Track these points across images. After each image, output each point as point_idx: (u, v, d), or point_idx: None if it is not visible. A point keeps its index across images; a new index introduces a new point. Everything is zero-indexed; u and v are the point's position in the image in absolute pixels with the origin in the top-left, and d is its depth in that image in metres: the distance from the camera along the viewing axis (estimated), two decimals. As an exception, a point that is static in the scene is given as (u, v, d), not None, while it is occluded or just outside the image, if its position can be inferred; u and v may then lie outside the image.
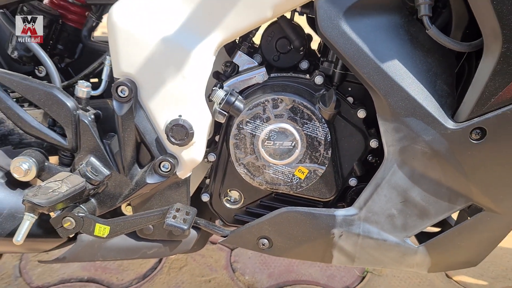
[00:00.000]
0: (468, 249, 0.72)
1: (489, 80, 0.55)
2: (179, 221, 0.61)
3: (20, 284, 1.01)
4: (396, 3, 0.57)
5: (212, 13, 0.58)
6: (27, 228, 0.57)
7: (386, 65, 0.57)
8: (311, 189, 0.67)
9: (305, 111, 0.63)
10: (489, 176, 0.62)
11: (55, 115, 0.62)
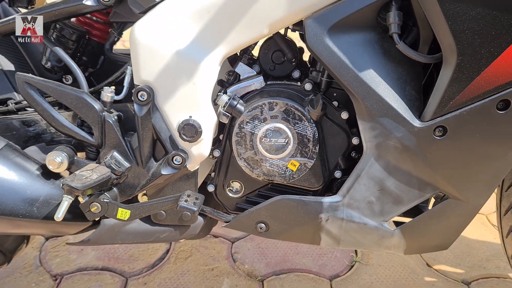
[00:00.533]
0: (438, 233, 0.82)
1: (447, 86, 0.66)
2: (190, 204, 0.71)
3: (41, 272, 1.11)
4: (371, 23, 0.68)
5: (217, 31, 0.69)
6: (66, 207, 0.67)
7: (363, 74, 0.68)
8: (302, 179, 0.78)
9: (296, 113, 0.74)
10: (451, 168, 0.73)
11: (84, 116, 0.72)
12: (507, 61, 0.63)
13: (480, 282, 1.10)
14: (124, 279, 1.09)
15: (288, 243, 1.21)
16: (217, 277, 1.10)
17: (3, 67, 0.80)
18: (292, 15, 0.68)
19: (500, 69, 0.63)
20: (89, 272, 1.11)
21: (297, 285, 1.08)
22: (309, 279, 1.09)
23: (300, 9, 0.67)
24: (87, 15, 0.80)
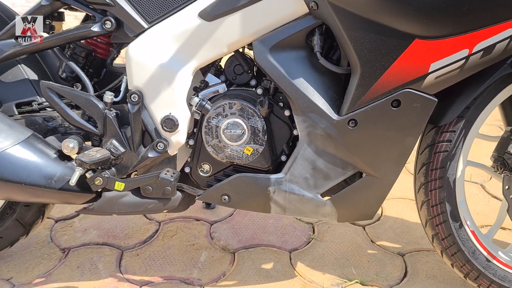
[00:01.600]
0: (361, 204, 1.04)
1: (355, 90, 0.89)
2: (168, 176, 0.95)
3: (52, 247, 1.34)
4: (302, 44, 0.92)
5: (189, 49, 0.92)
6: (77, 176, 0.90)
7: (295, 81, 0.91)
8: (255, 161, 1.00)
9: (250, 111, 0.97)
10: (364, 151, 0.96)
11: (91, 113, 0.96)
12: (394, 71, 0.86)
13: (413, 254, 1.33)
14: (120, 252, 1.31)
15: (257, 224, 1.44)
16: (197, 251, 1.33)
17: (29, 76, 1.04)
18: (244, 39, 0.92)
19: (390, 77, 0.87)
20: (91, 246, 1.34)
21: (262, 256, 1.30)
22: (272, 252, 1.32)
23: (249, 34, 0.91)
24: (93, 38, 1.04)
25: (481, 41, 0.83)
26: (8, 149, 0.92)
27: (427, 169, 1.07)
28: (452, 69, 0.86)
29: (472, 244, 1.10)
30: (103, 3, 0.92)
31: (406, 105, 0.90)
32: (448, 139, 1.03)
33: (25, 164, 0.93)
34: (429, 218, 1.10)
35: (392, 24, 0.83)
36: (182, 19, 0.92)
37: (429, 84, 0.88)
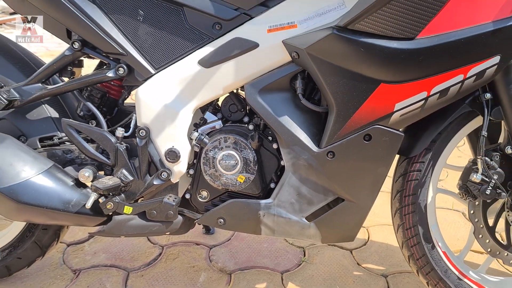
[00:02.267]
0: (342, 227, 1.16)
1: (332, 126, 1.03)
2: (171, 201, 1.08)
3: (64, 268, 1.45)
4: (286, 86, 1.07)
5: (189, 92, 1.07)
6: (93, 200, 1.04)
7: (281, 118, 1.05)
8: (247, 188, 1.13)
9: (242, 144, 1.11)
10: (342, 179, 1.08)
11: (104, 146, 1.10)
12: (365, 110, 1.01)
13: (395, 275, 1.44)
14: (126, 273, 1.43)
15: (253, 248, 1.55)
16: (196, 272, 1.44)
17: (51, 115, 1.19)
18: (237, 83, 1.07)
19: (361, 115, 1.01)
20: (100, 268, 1.45)
21: (256, 277, 1.42)
22: (266, 273, 1.44)
23: (241, 79, 1.06)
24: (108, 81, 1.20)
25: (437, 85, 0.98)
26: (33, 177, 1.06)
27: (401, 195, 1.20)
28: (414, 108, 1.00)
29: (444, 264, 1.22)
30: (117, 53, 1.08)
31: (376, 139, 1.04)
32: (418, 169, 1.17)
33: (47, 190, 1.07)
34: (404, 240, 1.22)
35: (361, 71, 0.98)
36: (184, 66, 1.07)
37: (395, 121, 1.02)
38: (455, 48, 0.94)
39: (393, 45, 0.94)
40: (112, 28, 1.08)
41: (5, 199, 1.03)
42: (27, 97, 1.11)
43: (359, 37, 0.95)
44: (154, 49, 1.08)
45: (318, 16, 1.02)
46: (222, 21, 1.05)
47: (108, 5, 1.08)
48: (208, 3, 1.05)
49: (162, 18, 1.07)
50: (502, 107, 1.08)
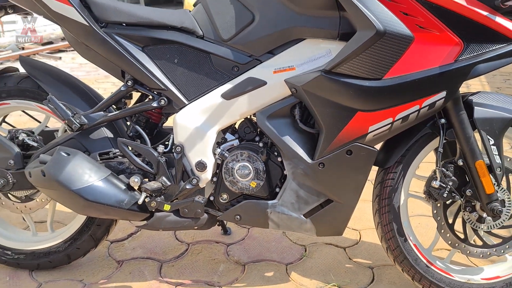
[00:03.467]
0: (332, 223, 1.47)
1: (322, 143, 1.35)
2: (200, 200, 1.41)
3: (110, 259, 1.78)
4: (288, 114, 1.39)
5: (215, 118, 1.41)
6: (143, 198, 1.37)
7: (284, 138, 1.37)
8: (258, 192, 1.44)
9: (254, 157, 1.43)
10: (331, 184, 1.40)
11: (149, 159, 1.44)
12: (346, 132, 1.33)
13: (380, 267, 1.73)
14: (160, 263, 1.75)
15: (263, 245, 1.87)
16: (216, 263, 1.76)
17: (107, 135, 1.53)
18: (250, 111, 1.40)
19: (344, 136, 1.34)
20: (138, 259, 1.78)
21: (265, 268, 1.73)
22: (273, 265, 1.74)
23: (253, 108, 1.39)
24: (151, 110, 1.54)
25: (399, 113, 1.30)
26: (96, 182, 1.40)
27: (379, 199, 1.51)
28: (383, 130, 1.33)
29: (414, 254, 1.52)
30: (160, 88, 1.43)
31: (356, 154, 1.36)
32: (392, 178, 1.48)
33: (106, 192, 1.40)
34: (382, 234, 1.53)
35: (343, 102, 1.30)
36: (210, 99, 1.41)
37: (370, 140, 1.34)
38: (411, 85, 1.27)
39: (366, 84, 1.27)
40: (156, 70, 1.43)
41: (77, 197, 1.37)
42: (93, 122, 1.46)
43: (340, 78, 1.28)
44: (187, 86, 1.43)
45: (311, 61, 1.35)
46: (239, 65, 1.39)
47: (153, 53, 1.43)
48: (228, 51, 1.39)
49: (194, 62, 1.42)
50: (454, 129, 1.40)
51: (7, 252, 1.66)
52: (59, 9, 1.38)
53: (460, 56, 1.26)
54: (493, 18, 1.24)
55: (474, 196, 1.43)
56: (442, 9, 1.23)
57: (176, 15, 1.44)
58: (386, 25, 1.21)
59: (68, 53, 6.18)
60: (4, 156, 1.50)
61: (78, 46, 1.50)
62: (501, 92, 4.41)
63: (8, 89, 1.56)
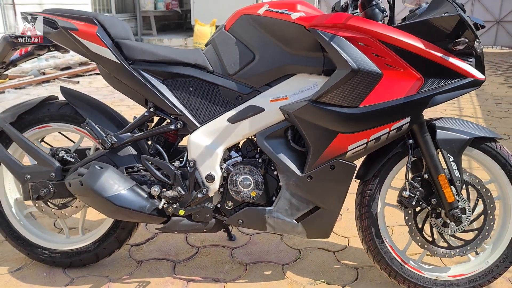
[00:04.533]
0: (320, 227, 1.74)
1: (310, 159, 1.63)
2: (209, 206, 1.70)
3: (131, 260, 2.05)
4: (282, 135, 1.67)
5: (222, 138, 1.69)
6: (163, 204, 1.66)
7: (279, 155, 1.65)
8: (257, 200, 1.71)
9: (254, 171, 1.71)
10: (318, 194, 1.68)
11: (167, 172, 1.73)
12: (330, 150, 1.60)
13: (364, 268, 1.98)
14: (174, 263, 2.02)
15: (263, 249, 2.13)
16: (222, 264, 2.02)
17: (132, 152, 1.83)
18: (251, 133, 1.69)
19: (328, 153, 1.61)
20: (155, 260, 2.05)
21: (264, 267, 1.99)
22: (271, 265, 2.01)
23: (254, 130, 1.67)
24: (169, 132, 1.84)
25: (372, 134, 1.58)
26: (123, 191, 1.68)
27: (360, 207, 1.78)
28: (360, 149, 1.61)
29: (390, 254, 1.78)
30: (177, 114, 1.72)
31: (338, 168, 1.64)
32: (370, 189, 1.76)
33: (131, 199, 1.69)
34: (363, 237, 1.79)
35: (326, 126, 1.59)
36: (218, 122, 1.70)
37: (349, 157, 1.62)
38: (382, 112, 1.55)
39: (345, 111, 1.56)
40: (174, 99, 1.73)
41: (108, 203, 1.65)
42: (121, 141, 1.76)
43: (324, 106, 1.57)
44: (199, 112, 1.72)
45: (301, 92, 1.65)
46: (242, 95, 1.69)
47: (172, 85, 1.73)
48: (233, 84, 1.69)
49: (205, 93, 1.72)
50: (420, 148, 1.68)
51: (45, 252, 1.94)
52: (97, 50, 1.69)
53: (421, 88, 1.55)
54: (447, 58, 1.53)
55: (438, 204, 1.70)
56: (405, 51, 1.52)
57: (191, 54, 1.74)
58: (360, 65, 1.50)
59: (85, 78, 6.56)
60: (47, 169, 1.79)
61: (110, 79, 1.80)
62: (491, 114, 4.70)
63: (50, 114, 1.86)
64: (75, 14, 1.73)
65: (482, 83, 1.59)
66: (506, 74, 7.65)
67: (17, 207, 1.98)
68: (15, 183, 1.98)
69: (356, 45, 1.52)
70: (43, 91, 5.63)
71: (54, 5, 7.15)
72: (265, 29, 1.64)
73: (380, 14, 1.62)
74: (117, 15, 9.02)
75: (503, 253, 1.76)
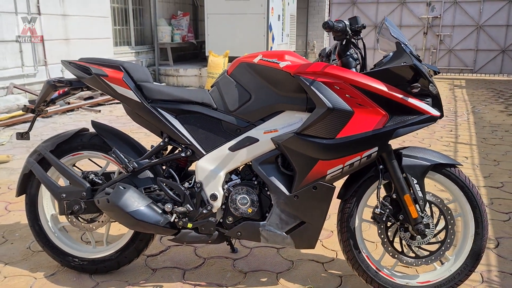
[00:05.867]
0: (305, 239, 2.05)
1: (296, 182, 1.94)
2: (213, 220, 2.03)
3: (147, 268, 2.38)
4: (273, 161, 2.02)
5: (223, 164, 2.04)
6: (174, 219, 2.00)
7: (271, 178, 1.98)
8: (253, 215, 2.05)
9: (251, 191, 2.05)
10: (303, 210, 2.00)
11: (178, 192, 2.07)
12: (312, 174, 1.93)
13: (347, 276, 2.28)
14: (184, 271, 2.34)
15: (260, 260, 2.44)
16: (225, 271, 2.34)
17: (149, 175, 2.18)
18: (248, 159, 2.02)
19: (310, 176, 1.94)
20: (168, 268, 2.38)
21: (261, 275, 2.30)
22: (267, 273, 2.31)
23: (250, 157, 2.01)
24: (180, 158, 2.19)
25: (347, 161, 1.91)
26: (142, 207, 2.03)
27: (340, 222, 2.10)
28: (337, 173, 1.94)
29: (367, 263, 2.07)
30: (187, 144, 2.08)
31: (319, 189, 1.97)
32: (348, 207, 2.07)
33: (148, 214, 2.03)
34: (343, 248, 2.10)
35: (309, 154, 1.92)
36: (221, 151, 2.05)
37: (328, 180, 1.95)
38: (354, 143, 1.88)
39: (324, 141, 1.90)
40: (184, 131, 2.09)
41: (130, 217, 2.00)
42: (141, 166, 2.12)
43: (307, 137, 1.91)
44: (205, 142, 2.08)
45: (289, 125, 1.99)
46: (240, 128, 2.04)
47: (183, 120, 2.09)
48: (233, 119, 2.05)
49: (210, 126, 2.07)
50: (389, 173, 2.00)
51: (75, 259, 2.29)
52: (122, 91, 2.07)
53: (386, 123, 1.88)
54: (407, 99, 1.87)
55: (405, 220, 2.01)
56: (372, 93, 1.86)
57: (199, 94, 2.11)
58: (334, 104, 1.85)
59: (106, 107, 7.03)
60: (79, 189, 2.15)
61: (132, 115, 2.18)
62: (486, 141, 4.97)
63: (82, 144, 2.23)
64: (105, 62, 2.12)
65: (438, 119, 1.91)
66: (508, 102, 7.91)
67: (53, 222, 2.33)
68: (51, 201, 2.34)
69: (332, 88, 1.87)
70: (67, 120, 6.09)
71: (79, 39, 7.70)
72: (259, 74, 2.00)
73: (354, 62, 1.97)
74: (136, 47, 9.57)
75: (463, 263, 2.04)
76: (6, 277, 2.27)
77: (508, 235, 2.76)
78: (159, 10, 9.98)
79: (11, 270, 2.33)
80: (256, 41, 8.99)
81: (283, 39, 10.35)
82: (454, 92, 9.13)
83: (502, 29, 11.63)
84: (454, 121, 6.23)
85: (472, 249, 2.03)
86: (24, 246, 2.58)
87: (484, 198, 3.35)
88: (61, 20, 7.25)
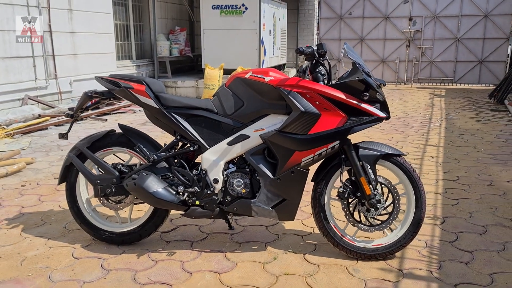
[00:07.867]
0: (287, 212, 2.65)
1: (278, 168, 2.54)
2: (215, 199, 2.64)
3: (162, 241, 2.97)
4: (261, 153, 2.62)
5: (223, 155, 2.63)
6: (185, 198, 2.60)
7: (259, 165, 2.57)
8: (246, 195, 2.63)
9: (245, 176, 2.64)
10: (284, 190, 2.60)
11: (188, 178, 2.68)
12: (290, 161, 2.52)
13: (321, 245, 2.90)
14: (191, 242, 2.94)
15: (253, 235, 3.04)
16: (224, 242, 2.92)
17: (165, 165, 2.78)
18: (242, 152, 2.62)
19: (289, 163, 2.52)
20: (178, 240, 2.96)
21: (254, 245, 2.89)
22: (257, 243, 2.90)
23: (243, 150, 2.62)
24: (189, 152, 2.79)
25: (316, 152, 2.53)
26: (160, 189, 2.63)
27: (313, 200, 2.71)
28: (309, 161, 2.55)
29: (334, 231, 2.68)
30: (194, 140, 2.69)
31: (296, 173, 2.57)
32: (319, 188, 2.68)
33: (165, 194, 2.62)
34: (315, 220, 2.70)
35: (288, 146, 2.53)
36: (221, 145, 2.65)
37: (303, 166, 2.56)
38: (322, 138, 2.50)
39: (298, 137, 2.51)
40: (192, 130, 2.70)
41: (152, 196, 2.59)
42: (159, 158, 2.71)
43: (286, 134, 2.53)
44: (209, 139, 2.69)
45: (273, 125, 2.60)
46: (236, 128, 2.66)
47: (191, 122, 2.70)
48: (230, 121, 2.66)
49: (212, 127, 2.68)
50: (349, 160, 2.62)
51: (105, 233, 2.87)
52: (145, 100, 2.68)
53: (346, 123, 2.50)
54: (360, 104, 2.50)
55: (362, 196, 2.63)
56: (335, 100, 2.49)
57: (203, 102, 2.73)
58: (306, 108, 2.47)
59: (112, 116, 7.63)
60: (110, 177, 2.75)
61: (152, 119, 2.79)
62: (452, 144, 5.61)
63: (112, 142, 2.83)
64: (130, 78, 2.74)
65: (384, 119, 2.54)
66: (480, 109, 8.59)
67: (87, 204, 2.93)
68: (86, 187, 2.94)
69: (304, 97, 2.49)
70: (77, 128, 6.67)
71: (86, 54, 8.31)
72: (250, 86, 2.62)
73: (321, 77, 2.60)
74: (137, 60, 10.18)
75: (407, 230, 2.65)
76: (51, 247, 2.85)
77: (453, 215, 3.38)
78: (158, 26, 10.64)
79: (54, 243, 2.92)
80: (249, 55, 9.67)
81: (274, 52, 11.03)
82: (433, 101, 9.81)
83: (479, 42, 12.40)
84: (428, 127, 6.88)
85: (414, 219, 2.65)
86: (61, 226, 3.17)
87: (440, 188, 3.97)
88: (69, 37, 7.87)
